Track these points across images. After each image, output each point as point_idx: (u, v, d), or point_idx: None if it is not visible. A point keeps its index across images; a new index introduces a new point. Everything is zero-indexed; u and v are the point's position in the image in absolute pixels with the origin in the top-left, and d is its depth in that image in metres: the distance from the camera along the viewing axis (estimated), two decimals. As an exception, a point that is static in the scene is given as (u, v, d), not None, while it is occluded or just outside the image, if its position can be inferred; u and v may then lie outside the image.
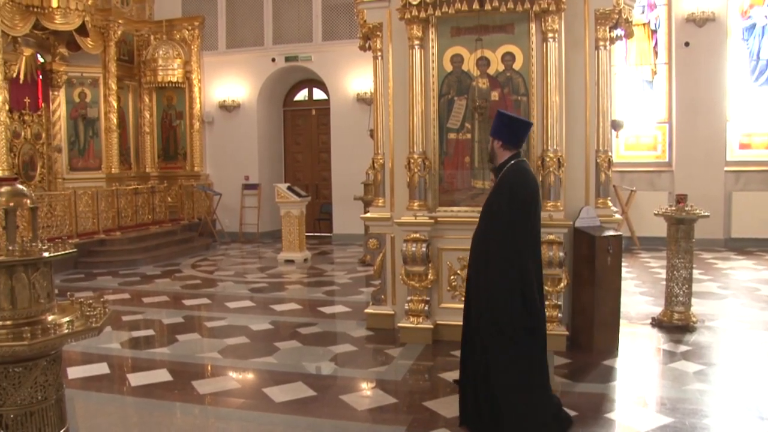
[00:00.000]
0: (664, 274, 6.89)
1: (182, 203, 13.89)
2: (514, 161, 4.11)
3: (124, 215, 12.09)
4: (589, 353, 5.61)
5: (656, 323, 6.53)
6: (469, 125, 5.95)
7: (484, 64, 5.88)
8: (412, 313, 6.07)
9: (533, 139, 5.73)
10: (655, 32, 12.52)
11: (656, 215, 6.69)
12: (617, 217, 6.28)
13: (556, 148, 5.66)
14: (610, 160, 6.17)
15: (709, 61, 11.95)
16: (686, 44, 12.00)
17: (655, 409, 4.43)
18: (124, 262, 11.01)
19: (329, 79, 13.99)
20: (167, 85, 14.21)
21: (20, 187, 2.67)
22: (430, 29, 5.92)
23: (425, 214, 5.93)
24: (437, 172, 6.02)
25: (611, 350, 5.65)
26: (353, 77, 13.63)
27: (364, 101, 13.40)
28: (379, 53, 6.58)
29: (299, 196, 11.36)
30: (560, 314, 5.76)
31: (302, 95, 15.47)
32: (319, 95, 15.05)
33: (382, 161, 6.63)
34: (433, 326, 6.01)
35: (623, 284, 6.16)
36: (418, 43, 5.91)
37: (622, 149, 12.68)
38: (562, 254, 5.60)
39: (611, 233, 5.73)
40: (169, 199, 13.60)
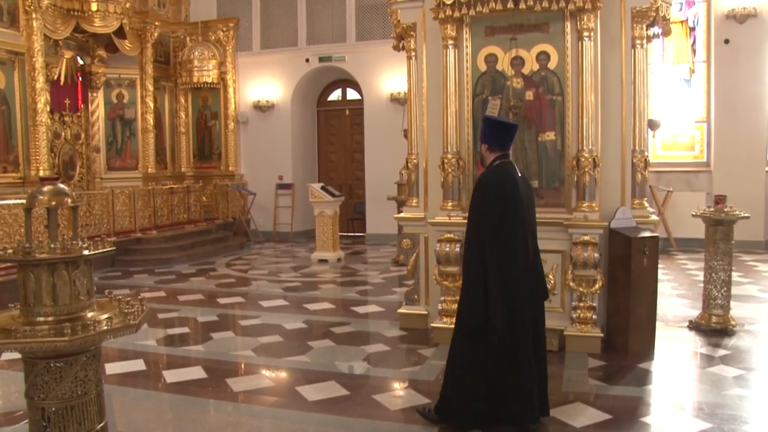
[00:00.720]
0: (701, 276, 6.77)
1: (217, 203, 14.07)
2: (497, 162, 4.18)
3: (160, 214, 12.29)
4: (624, 356, 5.53)
5: (693, 326, 6.40)
6: (503, 125, 5.90)
7: (518, 63, 5.84)
8: (445, 313, 6.05)
9: (568, 139, 5.69)
10: (693, 29, 12.26)
11: (694, 216, 6.56)
12: (654, 218, 6.18)
13: (591, 147, 5.60)
14: (646, 160, 6.09)
15: (750, 58, 11.67)
16: (726, 41, 11.76)
17: (692, 413, 4.34)
18: (159, 260, 11.20)
19: (363, 79, 14.02)
20: (202, 85, 14.39)
21: (62, 186, 2.73)
22: (464, 29, 5.90)
23: (459, 214, 5.90)
24: (471, 172, 5.98)
25: (647, 353, 5.56)
26: (387, 77, 13.65)
27: (397, 101, 13.42)
28: (413, 53, 6.57)
29: (333, 195, 11.42)
30: (595, 316, 5.70)
31: (336, 95, 15.55)
32: (352, 95, 15.11)
33: (415, 161, 6.62)
34: (466, 327, 5.98)
35: (659, 286, 6.05)
36: (452, 42, 5.90)
37: (658, 149, 12.46)
38: (597, 255, 5.53)
39: (647, 234, 5.64)
40: (204, 198, 13.79)
